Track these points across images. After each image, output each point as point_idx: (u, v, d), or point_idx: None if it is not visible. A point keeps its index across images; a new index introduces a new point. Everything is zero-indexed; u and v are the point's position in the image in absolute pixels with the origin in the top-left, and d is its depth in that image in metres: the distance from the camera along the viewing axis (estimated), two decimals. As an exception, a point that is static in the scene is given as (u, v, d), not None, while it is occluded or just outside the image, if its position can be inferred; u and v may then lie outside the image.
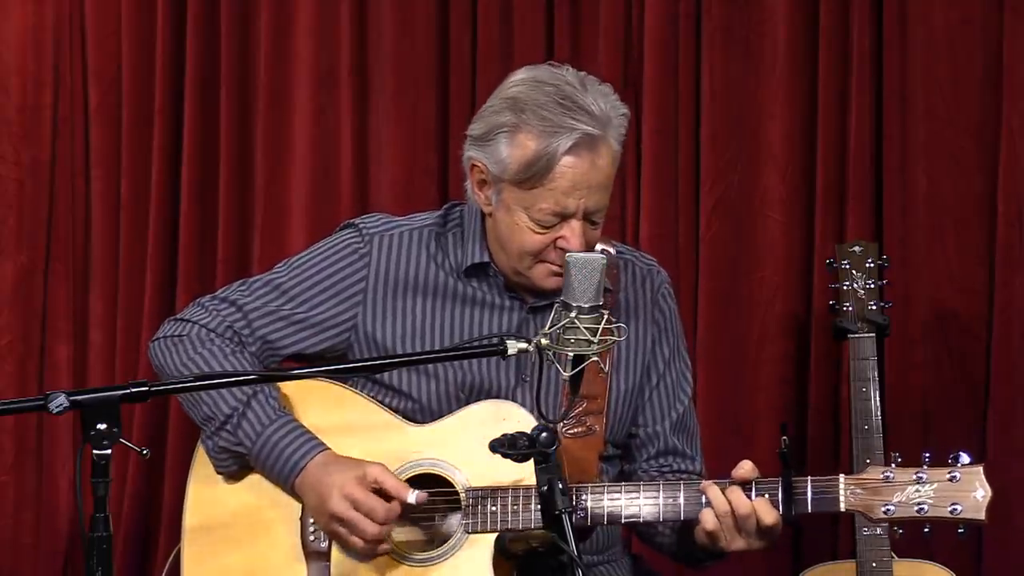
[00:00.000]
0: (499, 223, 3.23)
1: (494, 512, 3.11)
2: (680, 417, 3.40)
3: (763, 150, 4.45)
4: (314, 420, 3.24)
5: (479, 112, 3.26)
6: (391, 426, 3.24)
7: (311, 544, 3.18)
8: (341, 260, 3.32)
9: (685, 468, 3.39)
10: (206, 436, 3.26)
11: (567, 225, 3.17)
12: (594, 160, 3.14)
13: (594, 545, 3.33)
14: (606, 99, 3.17)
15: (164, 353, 3.32)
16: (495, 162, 3.19)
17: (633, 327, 3.34)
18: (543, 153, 3.12)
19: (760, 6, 4.45)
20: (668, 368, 3.39)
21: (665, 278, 3.43)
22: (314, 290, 3.31)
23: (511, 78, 3.25)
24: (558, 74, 3.20)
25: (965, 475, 3.00)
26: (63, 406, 2.64)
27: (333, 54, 4.73)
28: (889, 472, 3.03)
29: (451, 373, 3.27)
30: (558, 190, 3.14)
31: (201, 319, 3.32)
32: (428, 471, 3.18)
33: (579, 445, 3.24)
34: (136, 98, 4.85)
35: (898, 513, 3.02)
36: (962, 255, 4.34)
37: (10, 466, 4.86)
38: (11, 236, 4.87)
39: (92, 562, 2.62)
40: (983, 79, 4.33)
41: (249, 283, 3.36)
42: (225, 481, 3.28)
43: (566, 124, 3.12)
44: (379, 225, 3.36)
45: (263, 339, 3.30)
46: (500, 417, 3.13)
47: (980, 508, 2.98)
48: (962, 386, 4.33)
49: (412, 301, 3.30)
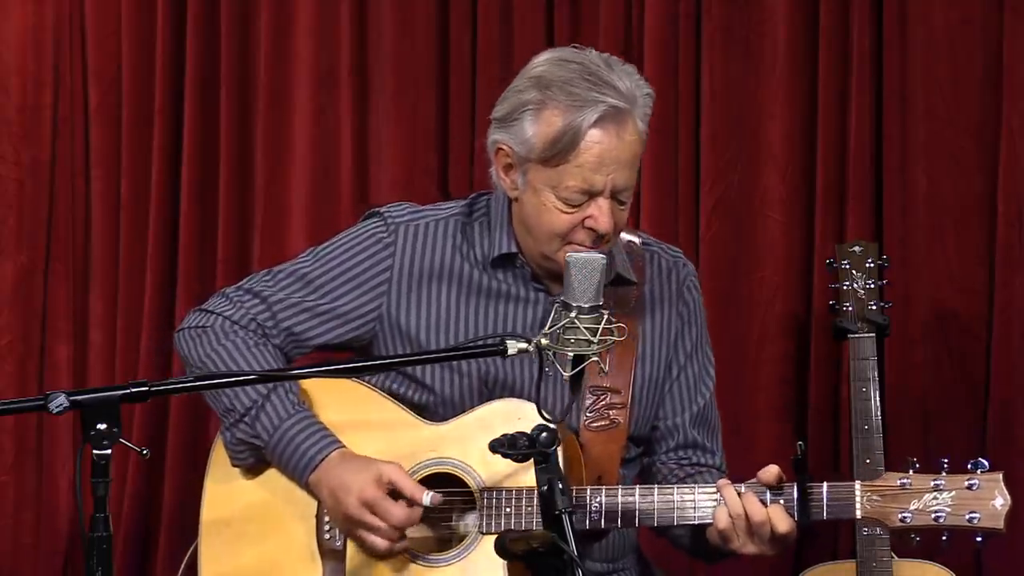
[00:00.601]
0: (526, 206, 3.20)
1: (508, 513, 3.11)
2: (701, 410, 3.37)
3: (763, 150, 4.45)
4: (331, 416, 3.23)
5: (503, 95, 3.23)
6: (407, 424, 3.23)
7: (326, 543, 3.18)
8: (366, 250, 3.30)
9: (705, 462, 3.36)
10: (225, 427, 3.25)
11: (594, 203, 3.14)
12: (620, 134, 3.11)
13: (607, 553, 3.31)
14: (631, 77, 3.15)
15: (188, 343, 3.31)
16: (520, 142, 3.15)
17: (658, 319, 3.33)
18: (569, 127, 3.09)
19: (760, 6, 4.45)
20: (690, 360, 3.36)
21: (691, 270, 3.41)
22: (339, 280, 3.29)
23: (535, 59, 3.22)
24: (583, 53, 3.19)
25: (984, 483, 2.95)
26: (63, 406, 2.64)
27: (333, 54, 4.73)
28: (906, 479, 2.98)
29: (476, 368, 3.25)
30: (585, 166, 3.11)
31: (225, 311, 3.30)
32: (443, 470, 3.17)
33: (603, 438, 3.23)
34: (136, 98, 4.85)
35: (915, 521, 2.96)
36: (962, 255, 4.34)
37: (10, 466, 4.87)
38: (11, 236, 4.87)
39: (92, 562, 2.62)
40: (983, 79, 4.33)
41: (274, 273, 3.33)
42: (241, 477, 3.27)
43: (592, 97, 3.09)
44: (405, 214, 3.33)
45: (288, 331, 3.29)
46: (516, 416, 3.11)
47: (999, 517, 2.93)
48: (962, 386, 4.34)
49: (437, 291, 3.28)
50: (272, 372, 3.22)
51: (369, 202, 4.68)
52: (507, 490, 3.12)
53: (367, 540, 3.12)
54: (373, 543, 3.12)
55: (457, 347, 3.22)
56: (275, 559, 3.22)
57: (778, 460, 3.14)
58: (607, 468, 3.21)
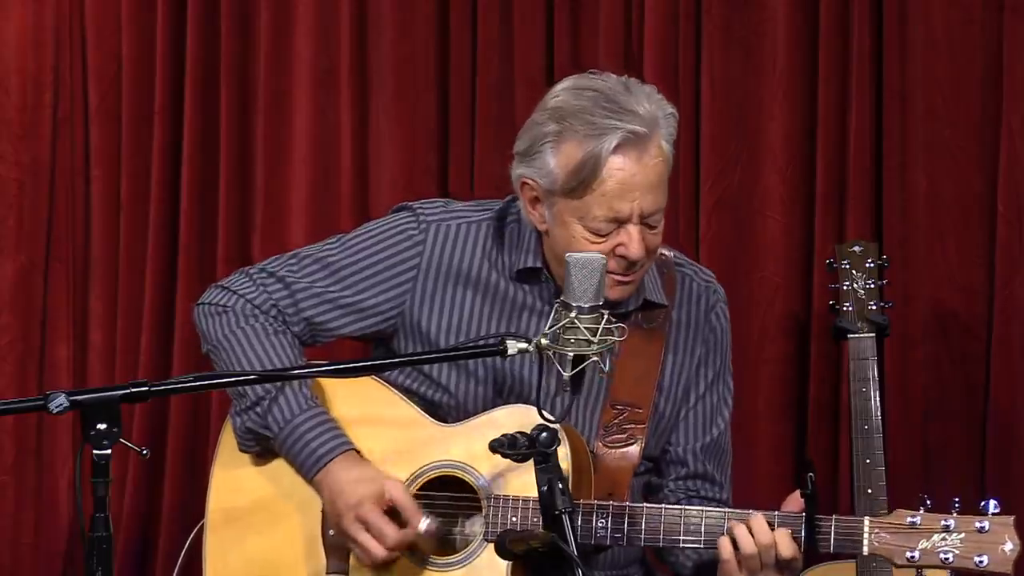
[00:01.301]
0: (555, 239, 3.15)
1: (514, 521, 3.09)
2: (714, 441, 3.32)
3: (763, 150, 4.45)
4: (342, 411, 3.22)
5: (523, 127, 3.18)
6: (418, 423, 3.21)
7: (331, 537, 3.17)
8: (395, 245, 3.26)
9: (712, 495, 3.32)
10: (235, 412, 3.23)
11: (623, 231, 3.09)
12: (641, 159, 3.07)
13: (611, 562, 3.28)
14: (650, 99, 3.11)
15: (208, 320, 3.28)
16: (544, 175, 3.11)
17: (683, 343, 3.29)
18: (589, 157, 3.05)
19: (760, 6, 4.45)
20: (710, 390, 3.32)
21: (721, 296, 3.37)
22: (364, 273, 3.26)
23: (554, 89, 3.17)
24: (599, 79, 3.14)
25: (994, 526, 2.90)
26: (63, 406, 2.64)
27: (333, 54, 4.73)
28: (915, 517, 2.94)
29: (490, 373, 3.23)
30: (609, 194, 3.07)
31: (248, 292, 3.27)
32: (450, 473, 3.16)
33: (618, 455, 3.20)
34: (136, 98, 4.85)
35: (922, 560, 2.92)
36: (962, 255, 4.34)
37: (10, 466, 4.87)
38: (11, 236, 4.87)
39: (92, 562, 2.62)
40: (983, 79, 4.33)
41: (300, 257, 3.29)
42: (249, 466, 3.26)
43: (610, 125, 3.05)
44: (437, 213, 3.29)
45: (308, 320, 3.26)
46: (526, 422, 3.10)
47: (1007, 562, 2.88)
48: (962, 386, 4.33)
49: (462, 295, 3.25)
50: (272, 372, 3.21)
51: (369, 202, 4.69)
52: (513, 496, 3.10)
53: (359, 556, 3.12)
54: (361, 558, 3.12)
55: (457, 346, 3.21)
56: (281, 550, 3.21)
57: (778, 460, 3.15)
58: (618, 484, 3.19)
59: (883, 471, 3.94)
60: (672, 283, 3.30)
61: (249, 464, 3.27)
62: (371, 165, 4.74)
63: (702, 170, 4.49)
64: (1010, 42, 4.30)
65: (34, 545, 4.87)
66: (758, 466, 4.37)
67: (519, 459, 2.90)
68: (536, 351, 2.90)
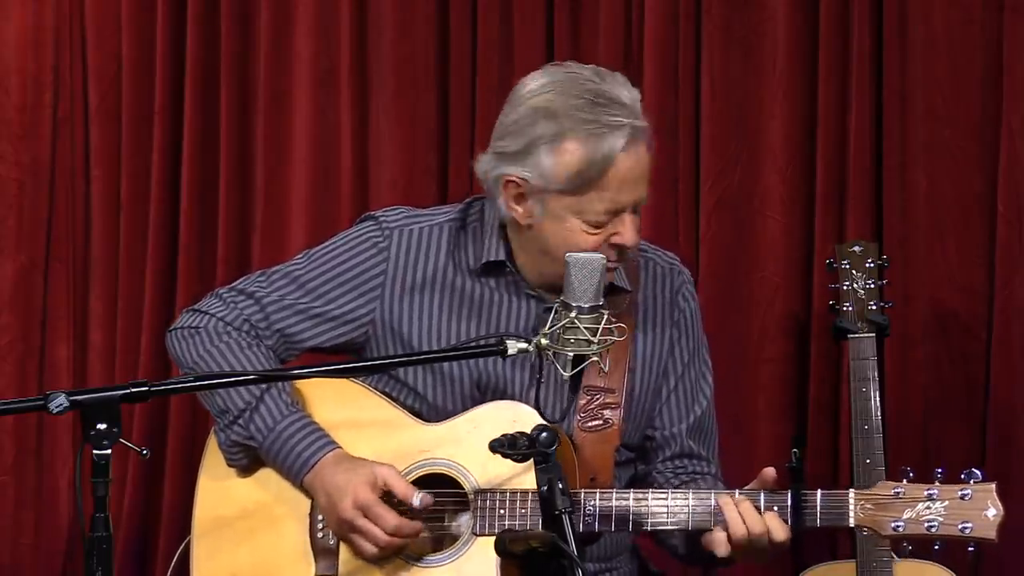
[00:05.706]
0: (545, 233, 3.16)
1: (502, 515, 3.10)
2: (698, 419, 3.36)
3: (763, 150, 4.45)
4: (326, 416, 3.23)
5: (502, 127, 3.18)
6: (402, 424, 3.23)
7: (319, 541, 3.18)
8: (360, 254, 3.30)
9: (700, 471, 3.35)
10: (219, 428, 3.25)
11: (619, 220, 3.13)
12: (640, 151, 3.11)
13: (600, 553, 3.30)
14: (625, 87, 3.14)
15: (180, 344, 3.32)
16: (538, 174, 3.12)
17: (651, 327, 3.32)
18: (596, 156, 3.07)
19: (760, 6, 4.45)
20: (687, 370, 3.35)
21: (687, 278, 3.39)
22: (332, 283, 3.29)
23: (525, 88, 3.17)
24: (572, 73, 3.16)
25: (977, 493, 2.96)
26: (63, 406, 2.64)
27: (333, 54, 4.73)
28: (900, 488, 2.99)
29: (465, 373, 3.25)
30: (613, 189, 3.10)
31: (218, 311, 3.30)
32: (438, 471, 3.17)
33: (595, 438, 3.22)
34: (136, 98, 4.85)
35: (908, 530, 2.98)
36: (962, 255, 4.34)
37: (10, 466, 4.87)
38: (11, 236, 4.87)
39: (92, 562, 2.62)
40: (983, 79, 4.33)
41: (268, 274, 3.34)
42: (235, 475, 3.27)
43: (609, 122, 3.07)
44: (400, 219, 3.32)
45: (280, 332, 3.29)
46: (511, 418, 3.11)
47: (991, 527, 2.95)
48: (962, 386, 4.33)
49: (429, 299, 3.27)
50: (270, 372, 3.22)
51: (369, 202, 4.69)
52: (501, 491, 3.12)
53: (359, 545, 3.13)
54: (363, 548, 3.12)
55: (457, 347, 3.22)
56: (268, 557, 3.22)
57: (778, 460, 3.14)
58: (600, 468, 3.20)
59: (883, 471, 3.94)
60: (635, 268, 3.32)
61: (234, 473, 3.28)
62: (371, 165, 4.74)
63: (702, 170, 4.49)
64: (1010, 42, 4.30)
65: (34, 545, 4.87)
66: (758, 466, 4.34)
67: (519, 459, 2.91)
68: (536, 351, 2.91)
